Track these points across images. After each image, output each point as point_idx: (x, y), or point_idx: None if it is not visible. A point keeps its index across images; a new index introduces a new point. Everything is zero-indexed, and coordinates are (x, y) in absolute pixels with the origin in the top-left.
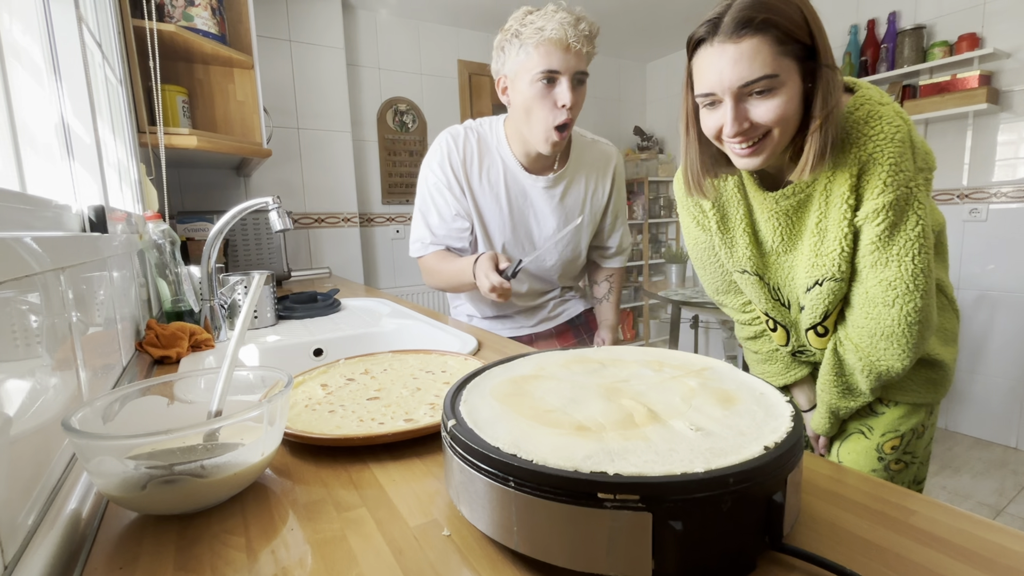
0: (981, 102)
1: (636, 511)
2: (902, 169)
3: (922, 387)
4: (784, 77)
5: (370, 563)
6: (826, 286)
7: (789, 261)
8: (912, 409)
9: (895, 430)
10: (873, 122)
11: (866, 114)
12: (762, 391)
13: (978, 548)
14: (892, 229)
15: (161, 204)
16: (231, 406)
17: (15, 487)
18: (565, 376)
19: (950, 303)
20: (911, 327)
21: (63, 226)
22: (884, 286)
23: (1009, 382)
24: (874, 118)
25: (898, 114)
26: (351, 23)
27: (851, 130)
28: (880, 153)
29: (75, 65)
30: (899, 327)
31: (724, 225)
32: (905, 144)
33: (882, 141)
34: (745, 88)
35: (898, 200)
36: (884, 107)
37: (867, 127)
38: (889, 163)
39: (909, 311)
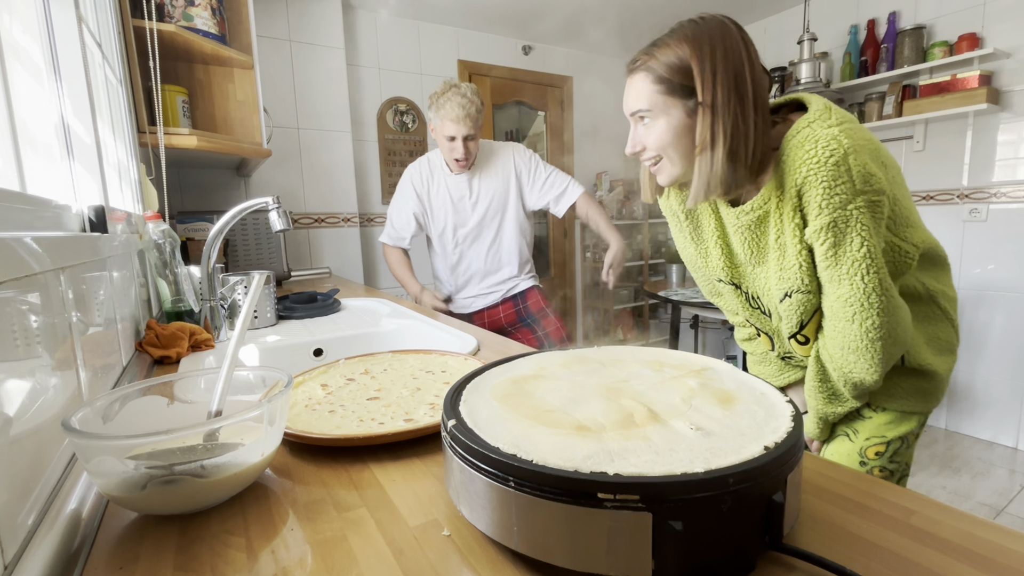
0: (981, 102)
1: (636, 511)
2: (837, 192)
3: (912, 395)
4: (659, 111)
5: (370, 563)
6: (795, 298)
7: (762, 272)
8: (901, 416)
9: (881, 436)
10: (808, 146)
11: (803, 139)
12: (762, 391)
13: (978, 548)
14: (836, 249)
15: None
16: (231, 406)
17: (15, 487)
18: (565, 376)
19: (943, 313)
20: (873, 343)
21: (63, 226)
22: (842, 302)
23: (1009, 382)
24: (809, 142)
25: (835, 138)
26: (351, 23)
27: (790, 153)
28: (814, 176)
29: (75, 65)
30: (862, 342)
31: (698, 236)
32: (839, 167)
33: (815, 165)
34: (633, 115)
35: (836, 222)
36: (825, 130)
37: (802, 151)
38: (822, 186)
39: (868, 327)
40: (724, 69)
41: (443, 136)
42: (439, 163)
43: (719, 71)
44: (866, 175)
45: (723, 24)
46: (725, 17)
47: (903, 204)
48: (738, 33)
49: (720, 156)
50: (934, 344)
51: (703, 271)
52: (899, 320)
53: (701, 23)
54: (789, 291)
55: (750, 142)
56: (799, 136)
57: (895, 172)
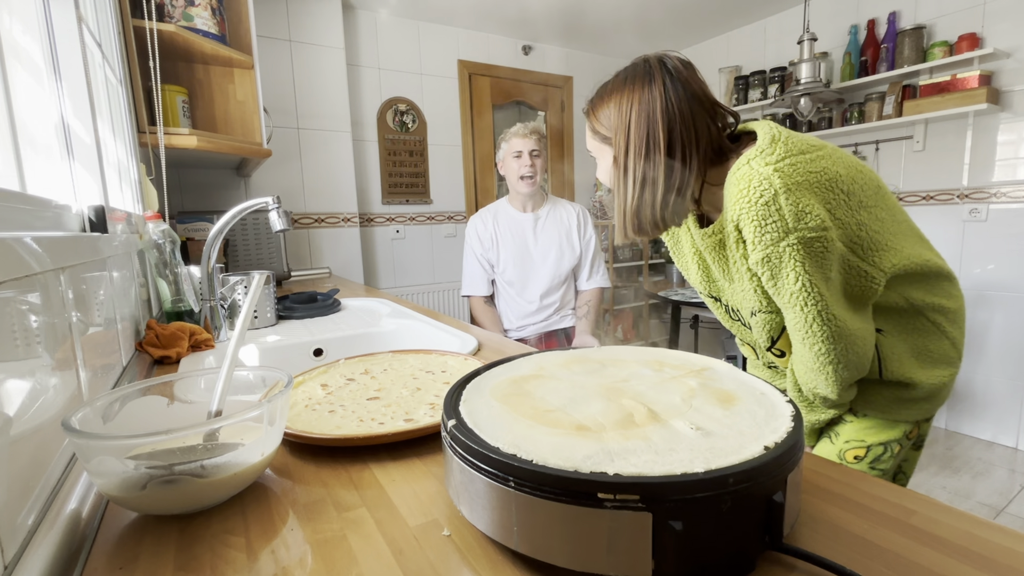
0: (981, 102)
1: (636, 511)
2: (767, 231)
3: (893, 404)
4: (598, 154)
5: (370, 563)
6: (759, 317)
7: (733, 289)
8: (884, 424)
9: (860, 440)
10: (742, 184)
11: (739, 177)
12: (762, 391)
13: (978, 548)
14: (774, 281)
15: (161, 204)
16: (231, 406)
17: (15, 487)
18: (565, 376)
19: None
20: (824, 367)
21: (63, 226)
22: (792, 327)
23: (1009, 382)
24: (743, 181)
25: (767, 179)
26: (351, 23)
27: (728, 190)
28: (745, 215)
29: (75, 65)
30: (815, 363)
31: (678, 250)
32: (769, 207)
33: (746, 204)
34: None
35: (769, 258)
36: (761, 168)
37: (736, 189)
38: (752, 225)
39: (817, 352)
40: (637, 124)
41: (511, 156)
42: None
43: (632, 127)
44: (799, 213)
45: (648, 74)
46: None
47: (871, 228)
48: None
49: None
50: (923, 357)
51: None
52: (850, 346)
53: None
54: (754, 310)
55: (658, 191)
56: (736, 174)
57: (868, 196)
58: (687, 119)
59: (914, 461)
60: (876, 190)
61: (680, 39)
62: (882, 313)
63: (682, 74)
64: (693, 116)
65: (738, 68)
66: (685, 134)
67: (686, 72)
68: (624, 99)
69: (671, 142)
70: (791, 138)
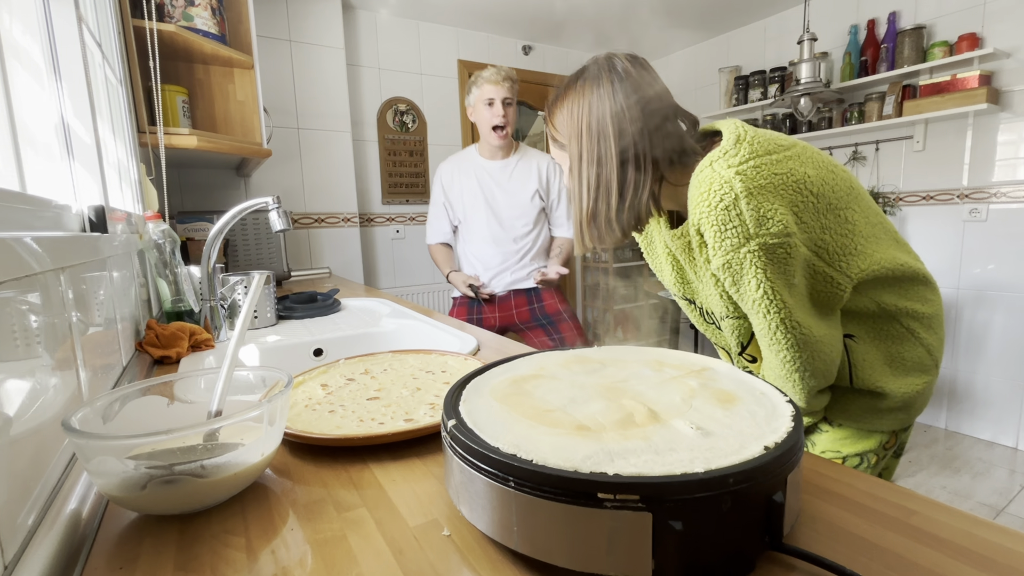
0: (981, 102)
1: (636, 511)
2: (727, 236)
3: (867, 414)
4: (560, 159)
5: (370, 563)
6: (727, 323)
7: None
8: (859, 433)
9: (836, 450)
10: (703, 187)
11: (700, 180)
12: (763, 391)
13: (978, 548)
14: (736, 287)
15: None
16: (231, 406)
17: (15, 487)
18: (565, 376)
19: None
20: (791, 374)
21: (63, 226)
22: (759, 333)
23: (1009, 382)
24: (704, 184)
25: (728, 182)
26: (351, 23)
27: (691, 193)
28: (705, 220)
29: (75, 65)
30: (781, 370)
31: (652, 251)
32: (730, 212)
33: (705, 208)
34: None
35: (730, 263)
36: (723, 171)
37: (697, 192)
38: (713, 230)
39: (783, 360)
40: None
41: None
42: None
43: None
44: (760, 219)
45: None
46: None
47: (837, 232)
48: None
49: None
50: (895, 364)
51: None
52: (815, 354)
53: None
54: (723, 316)
55: (611, 197)
56: (699, 177)
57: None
58: (638, 121)
59: (893, 468)
60: (848, 191)
61: (680, 39)
62: (853, 318)
63: (632, 75)
64: (645, 117)
65: (738, 68)
66: (638, 137)
67: (636, 72)
68: (575, 104)
69: (623, 147)
70: (757, 137)
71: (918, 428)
